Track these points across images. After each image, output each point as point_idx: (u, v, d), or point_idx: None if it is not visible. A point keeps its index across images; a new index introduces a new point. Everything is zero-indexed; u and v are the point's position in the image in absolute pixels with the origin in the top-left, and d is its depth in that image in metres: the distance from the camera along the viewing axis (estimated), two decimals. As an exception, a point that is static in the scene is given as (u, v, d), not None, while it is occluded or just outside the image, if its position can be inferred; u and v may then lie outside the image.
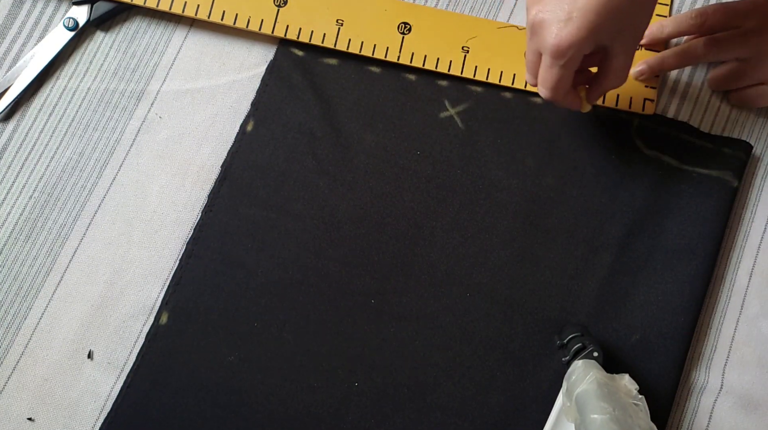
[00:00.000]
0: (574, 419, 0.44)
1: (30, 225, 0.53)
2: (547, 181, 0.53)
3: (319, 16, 0.55)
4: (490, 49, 0.54)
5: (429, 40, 0.55)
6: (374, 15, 0.55)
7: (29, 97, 0.55)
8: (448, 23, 0.55)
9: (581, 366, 0.46)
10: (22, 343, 0.51)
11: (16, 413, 0.50)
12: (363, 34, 0.55)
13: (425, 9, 0.56)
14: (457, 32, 0.55)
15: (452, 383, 0.50)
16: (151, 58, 0.56)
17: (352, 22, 0.55)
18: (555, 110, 0.54)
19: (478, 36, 0.54)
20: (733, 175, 0.53)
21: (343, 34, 0.54)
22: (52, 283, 0.52)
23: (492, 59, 0.54)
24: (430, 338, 0.51)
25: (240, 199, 0.53)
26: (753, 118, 0.55)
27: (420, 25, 0.55)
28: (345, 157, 0.54)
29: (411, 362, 0.51)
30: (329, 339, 0.51)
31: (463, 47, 0.54)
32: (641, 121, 0.54)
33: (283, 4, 0.54)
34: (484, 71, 0.54)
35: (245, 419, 0.50)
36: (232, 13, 0.55)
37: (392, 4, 0.55)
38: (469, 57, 0.54)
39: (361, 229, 0.53)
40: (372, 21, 0.55)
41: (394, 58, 0.54)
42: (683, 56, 0.53)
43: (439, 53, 0.54)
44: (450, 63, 0.54)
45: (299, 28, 0.54)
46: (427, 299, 0.52)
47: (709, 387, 0.51)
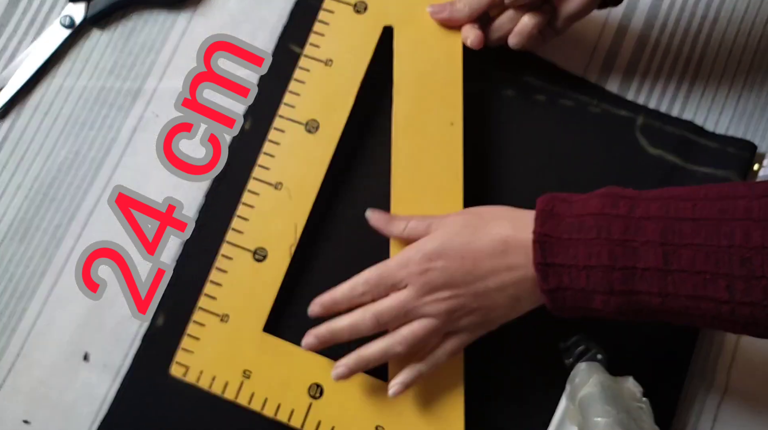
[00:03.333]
0: (578, 423, 0.44)
1: (25, 225, 0.53)
2: (549, 181, 0.53)
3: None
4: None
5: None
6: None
7: (25, 95, 0.55)
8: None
9: (585, 369, 0.46)
10: (18, 345, 0.51)
11: (12, 416, 0.50)
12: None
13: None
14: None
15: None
16: (147, 56, 0.55)
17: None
18: (558, 109, 0.54)
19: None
20: (738, 174, 0.53)
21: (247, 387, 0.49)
22: (47, 284, 0.52)
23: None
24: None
25: (238, 199, 0.52)
26: (758, 117, 0.55)
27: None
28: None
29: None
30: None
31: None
32: (645, 120, 0.54)
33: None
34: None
35: (242, 421, 0.49)
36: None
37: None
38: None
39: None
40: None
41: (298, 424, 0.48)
42: None
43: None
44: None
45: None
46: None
47: (713, 389, 0.51)
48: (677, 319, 0.41)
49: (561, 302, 0.42)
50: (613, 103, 0.54)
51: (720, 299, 0.38)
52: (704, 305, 0.39)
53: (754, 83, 0.56)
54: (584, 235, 0.41)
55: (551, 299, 0.43)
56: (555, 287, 0.42)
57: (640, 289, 0.40)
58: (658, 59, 0.56)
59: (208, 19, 0.56)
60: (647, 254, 0.40)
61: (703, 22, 0.56)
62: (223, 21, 0.56)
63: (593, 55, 0.56)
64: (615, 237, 0.40)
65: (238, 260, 0.50)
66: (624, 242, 0.40)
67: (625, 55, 0.56)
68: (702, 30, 0.56)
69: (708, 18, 0.56)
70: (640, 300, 0.40)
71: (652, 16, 0.56)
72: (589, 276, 0.41)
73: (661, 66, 0.56)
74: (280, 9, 0.56)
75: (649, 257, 0.39)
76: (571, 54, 0.56)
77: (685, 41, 0.56)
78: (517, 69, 0.55)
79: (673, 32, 0.56)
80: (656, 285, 0.39)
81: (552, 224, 0.42)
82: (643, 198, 0.41)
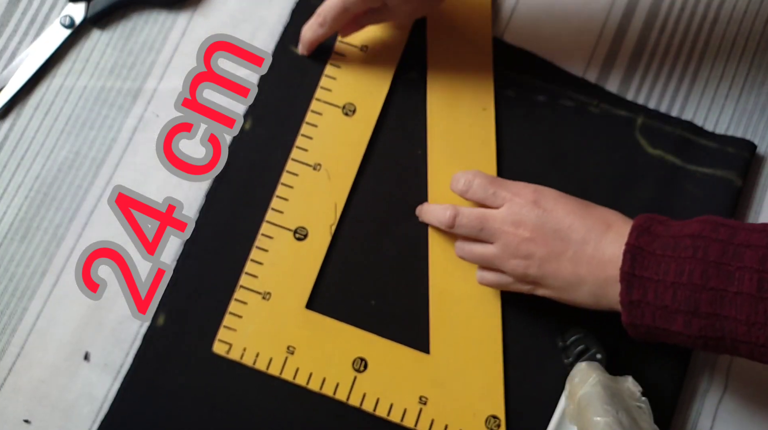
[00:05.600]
0: (577, 422, 0.44)
1: (26, 225, 0.53)
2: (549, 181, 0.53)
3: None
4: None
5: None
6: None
7: (25, 95, 0.55)
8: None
9: (584, 368, 0.46)
10: (18, 344, 0.51)
11: (13, 415, 0.50)
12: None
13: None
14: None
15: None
16: (147, 56, 0.55)
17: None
18: (558, 109, 0.54)
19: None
20: (738, 174, 0.53)
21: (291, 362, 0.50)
22: (48, 284, 0.52)
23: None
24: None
25: (239, 198, 0.53)
26: (757, 117, 0.55)
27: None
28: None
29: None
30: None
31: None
32: (645, 120, 0.54)
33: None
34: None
35: (242, 421, 0.49)
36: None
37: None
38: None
39: (360, 228, 0.52)
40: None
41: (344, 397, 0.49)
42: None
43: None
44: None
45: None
46: (428, 300, 0.51)
47: (713, 389, 0.51)
48: (758, 353, 0.39)
49: (639, 318, 0.41)
50: (613, 103, 0.54)
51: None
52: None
53: (754, 83, 0.56)
54: (679, 253, 0.40)
55: (629, 313, 0.42)
56: (637, 300, 0.41)
57: (727, 313, 0.39)
58: (658, 59, 0.56)
59: (208, 19, 0.56)
60: (742, 278, 0.38)
61: (703, 22, 0.56)
62: (223, 21, 0.56)
63: (593, 55, 0.56)
64: (711, 259, 0.39)
65: (278, 239, 0.51)
66: (719, 264, 0.39)
67: (625, 55, 0.56)
68: (702, 30, 0.56)
69: (708, 18, 0.56)
70: (725, 326, 0.39)
71: (652, 16, 0.56)
72: (676, 293, 0.40)
73: (661, 66, 0.56)
74: (280, 9, 0.56)
75: (744, 281, 0.38)
76: (571, 54, 0.56)
77: (685, 41, 0.56)
78: (517, 69, 0.55)
79: (673, 32, 0.56)
80: (745, 312, 0.38)
81: (646, 240, 0.42)
82: (744, 228, 0.40)
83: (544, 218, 0.45)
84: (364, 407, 0.49)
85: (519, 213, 0.46)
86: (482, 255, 0.48)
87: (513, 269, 0.46)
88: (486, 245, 0.47)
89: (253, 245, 0.51)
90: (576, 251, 0.44)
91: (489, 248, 0.47)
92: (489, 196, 0.47)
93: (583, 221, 0.45)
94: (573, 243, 0.44)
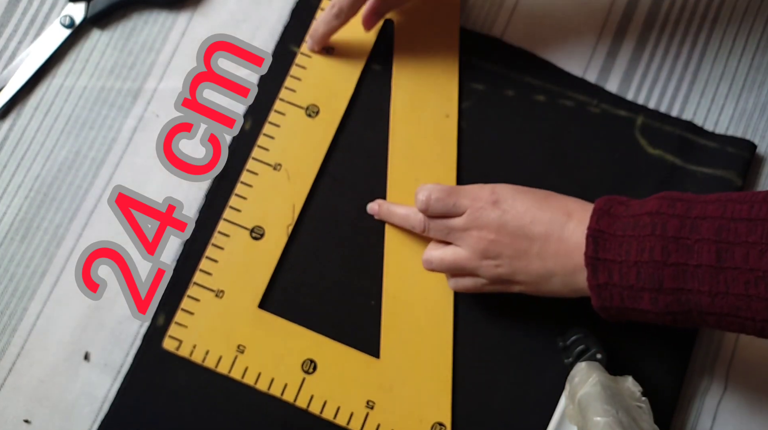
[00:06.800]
0: (577, 422, 0.44)
1: (26, 225, 0.53)
2: (549, 181, 0.53)
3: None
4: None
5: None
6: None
7: (25, 95, 0.55)
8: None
9: (584, 368, 0.46)
10: (18, 344, 0.51)
11: (13, 415, 0.50)
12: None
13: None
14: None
15: (454, 384, 0.50)
16: (147, 56, 0.55)
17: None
18: (558, 109, 0.54)
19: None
20: (737, 174, 0.53)
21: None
22: (47, 284, 0.52)
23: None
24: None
25: (238, 198, 0.53)
26: (757, 117, 0.55)
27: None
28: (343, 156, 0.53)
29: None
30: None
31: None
32: (645, 120, 0.54)
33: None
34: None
35: (243, 421, 0.49)
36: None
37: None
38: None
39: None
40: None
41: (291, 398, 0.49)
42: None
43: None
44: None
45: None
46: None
47: (713, 389, 0.51)
48: (725, 322, 0.40)
49: (608, 300, 0.42)
50: (613, 103, 0.54)
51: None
52: (755, 305, 0.38)
53: (754, 83, 0.56)
54: (638, 232, 0.41)
55: (598, 295, 0.43)
56: (604, 283, 0.42)
57: (690, 287, 0.39)
58: (658, 59, 0.56)
59: (208, 19, 0.56)
60: (701, 251, 0.39)
61: (703, 22, 0.56)
62: (223, 21, 0.56)
63: (593, 55, 0.56)
64: (669, 234, 0.40)
65: (235, 237, 0.51)
66: (678, 239, 0.40)
67: (625, 55, 0.56)
68: (702, 30, 0.56)
69: (708, 18, 0.56)
70: (690, 299, 0.40)
71: (652, 16, 0.56)
72: (640, 272, 0.41)
73: (661, 66, 0.56)
74: (280, 9, 0.56)
75: (703, 254, 0.39)
76: (571, 54, 0.56)
77: (685, 41, 0.56)
78: (517, 69, 0.55)
79: (673, 32, 0.56)
80: (707, 283, 0.39)
81: (607, 222, 0.43)
82: (700, 200, 0.41)
83: (505, 218, 0.46)
84: (311, 409, 0.49)
85: (480, 217, 0.46)
86: (454, 262, 0.48)
87: (485, 271, 0.47)
88: (456, 249, 0.48)
89: (209, 243, 0.51)
90: (541, 245, 0.45)
91: (460, 253, 0.47)
92: (450, 208, 0.47)
93: (544, 214, 0.45)
94: (537, 238, 0.45)
